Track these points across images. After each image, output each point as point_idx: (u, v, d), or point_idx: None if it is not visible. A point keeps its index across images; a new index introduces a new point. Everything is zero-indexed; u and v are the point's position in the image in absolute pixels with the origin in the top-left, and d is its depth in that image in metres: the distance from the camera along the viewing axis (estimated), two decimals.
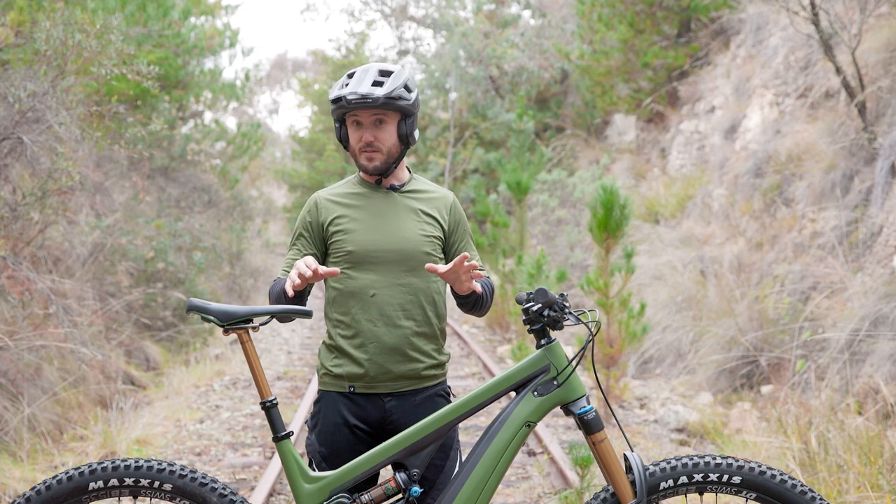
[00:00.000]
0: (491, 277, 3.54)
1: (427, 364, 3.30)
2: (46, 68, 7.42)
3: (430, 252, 3.30)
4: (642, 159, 17.75)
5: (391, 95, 3.20)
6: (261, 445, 7.70)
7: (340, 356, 3.28)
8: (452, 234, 3.40)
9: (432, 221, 3.35)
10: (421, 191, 3.40)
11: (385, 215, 3.30)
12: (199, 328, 12.54)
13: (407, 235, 3.29)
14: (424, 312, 3.29)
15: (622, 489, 3.06)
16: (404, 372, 3.26)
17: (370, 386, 3.26)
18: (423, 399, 3.29)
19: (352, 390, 3.26)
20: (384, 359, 3.24)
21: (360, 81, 3.21)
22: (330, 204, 3.33)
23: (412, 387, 3.29)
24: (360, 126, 3.26)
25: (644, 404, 9.21)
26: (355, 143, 3.28)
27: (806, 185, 10.36)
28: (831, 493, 5.33)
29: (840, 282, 8.67)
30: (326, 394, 3.31)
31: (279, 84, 47.82)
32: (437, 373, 3.35)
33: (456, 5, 26.38)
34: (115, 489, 3.06)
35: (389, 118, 3.26)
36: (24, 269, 7.93)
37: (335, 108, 3.25)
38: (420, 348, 3.29)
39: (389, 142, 3.27)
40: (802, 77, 12.01)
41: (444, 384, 3.38)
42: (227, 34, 17.33)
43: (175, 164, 15.84)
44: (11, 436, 6.97)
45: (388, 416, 3.25)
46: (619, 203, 8.48)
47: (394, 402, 3.26)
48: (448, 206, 3.41)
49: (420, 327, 3.29)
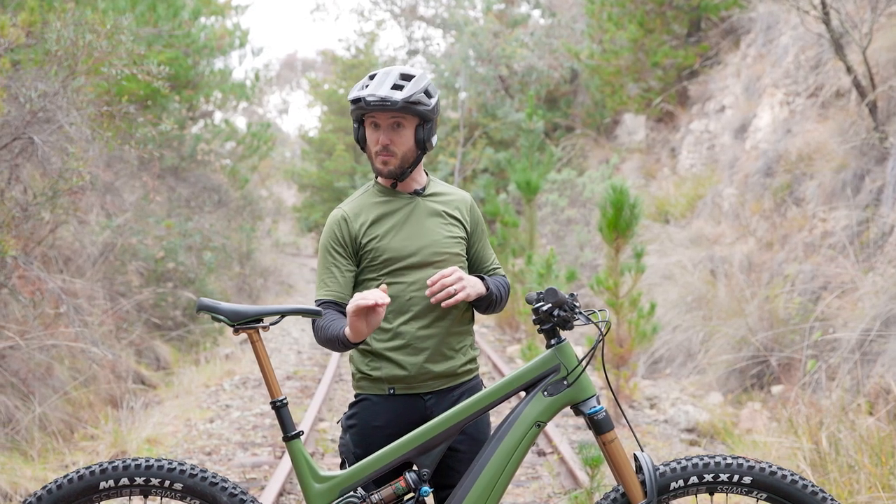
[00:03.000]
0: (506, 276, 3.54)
1: (463, 360, 3.34)
2: (57, 68, 7.44)
3: (458, 252, 3.34)
4: (652, 159, 17.72)
5: (410, 100, 3.19)
6: (271, 445, 7.71)
7: (377, 360, 3.28)
8: (473, 234, 3.44)
9: (456, 223, 3.38)
10: (441, 193, 3.42)
11: (414, 220, 3.31)
12: (209, 328, 12.57)
13: (436, 238, 3.31)
14: (457, 309, 3.32)
15: (632, 489, 3.06)
16: (443, 370, 3.29)
17: (410, 387, 3.27)
18: (461, 394, 3.32)
19: (392, 392, 3.27)
20: (424, 359, 3.26)
21: (380, 84, 3.20)
22: (358, 216, 3.32)
23: (450, 384, 3.31)
24: (378, 128, 3.25)
25: (654, 404, 9.19)
26: (372, 144, 3.28)
27: (816, 185, 10.32)
28: (842, 494, 5.32)
29: (851, 281, 8.64)
30: (365, 397, 3.32)
31: (289, 84, 47.87)
32: (472, 367, 3.39)
33: (465, 5, 26.37)
34: (126, 488, 3.06)
35: (407, 122, 3.25)
36: (35, 269, 7.96)
37: (354, 108, 3.25)
38: (455, 346, 3.32)
39: (405, 146, 3.26)
40: (813, 76, 11.97)
41: (478, 378, 3.42)
42: (237, 34, 17.37)
43: (185, 163, 15.88)
44: (23, 435, 6.99)
45: (429, 414, 3.27)
46: (629, 203, 8.46)
47: (434, 400, 3.29)
48: (468, 206, 3.44)
49: (454, 326, 3.32)
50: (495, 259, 3.52)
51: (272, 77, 34.25)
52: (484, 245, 3.47)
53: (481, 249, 3.46)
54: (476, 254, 3.45)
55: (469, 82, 24.44)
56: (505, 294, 3.43)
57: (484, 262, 3.47)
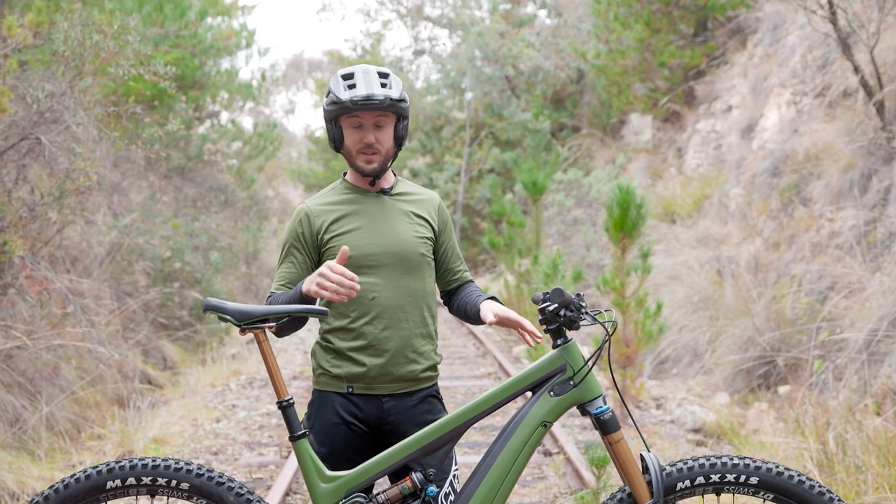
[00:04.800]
0: (494, 280, 3.53)
1: (425, 366, 3.31)
2: (64, 69, 7.46)
3: (424, 253, 3.32)
4: (658, 159, 17.70)
5: (397, 98, 3.22)
6: (277, 445, 7.71)
7: (339, 357, 3.28)
8: (441, 234, 3.43)
9: (423, 223, 3.36)
10: (409, 193, 3.42)
11: (379, 219, 3.30)
12: (215, 328, 12.58)
13: (403, 237, 3.29)
14: (421, 313, 3.30)
15: (639, 489, 3.05)
16: (404, 374, 3.27)
17: (369, 387, 3.26)
18: (419, 400, 3.30)
19: (350, 391, 3.26)
20: (385, 361, 3.24)
21: (367, 83, 3.21)
22: (322, 212, 3.31)
23: (409, 388, 3.29)
24: (360, 128, 3.26)
25: (660, 404, 9.18)
26: (353, 144, 3.27)
27: (824, 185, 10.30)
28: (849, 495, 5.30)
29: (858, 282, 8.62)
30: (322, 394, 3.30)
31: (295, 84, 47.87)
32: (433, 374, 3.36)
33: (472, 5, 26.37)
34: (133, 488, 3.06)
35: (389, 120, 3.27)
36: (42, 269, 7.98)
37: (335, 108, 3.24)
38: (419, 349, 3.30)
39: (388, 143, 3.29)
40: (820, 76, 11.95)
41: (436, 385, 3.40)
42: (244, 34, 17.38)
43: (192, 164, 15.91)
44: (30, 434, 7.01)
45: (385, 416, 3.26)
46: (636, 203, 8.45)
47: (392, 403, 3.27)
48: (436, 207, 3.43)
49: (419, 328, 3.30)
50: (463, 263, 3.51)
51: (278, 77, 34.24)
52: (452, 247, 3.46)
53: (449, 251, 3.45)
54: (444, 255, 3.44)
55: (475, 82, 24.44)
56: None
57: (452, 263, 3.46)
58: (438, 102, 26.27)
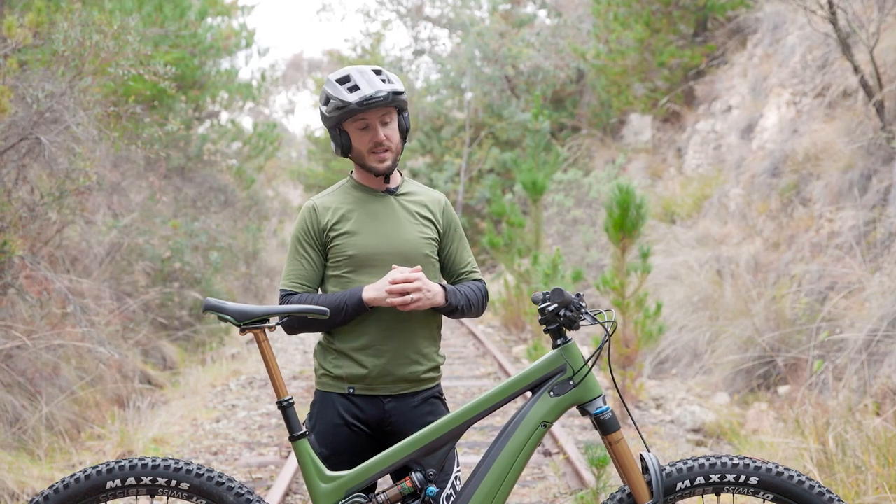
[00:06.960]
0: (484, 281, 3.51)
1: (427, 367, 3.31)
2: (64, 69, 7.46)
3: (428, 254, 3.31)
4: (658, 159, 17.70)
5: (397, 90, 3.21)
6: (277, 445, 7.71)
7: (340, 358, 3.27)
8: (446, 235, 3.40)
9: (429, 224, 3.35)
10: (415, 193, 3.40)
11: (384, 218, 3.29)
12: (215, 328, 12.59)
13: (407, 238, 3.28)
14: (424, 314, 3.28)
15: (638, 489, 3.06)
16: (406, 375, 3.26)
17: (370, 388, 3.25)
18: (421, 401, 3.30)
19: (351, 392, 3.26)
20: (387, 361, 3.24)
21: (369, 82, 3.20)
22: (327, 209, 3.30)
23: (411, 389, 3.29)
24: (367, 128, 3.24)
25: (660, 405, 9.18)
26: (363, 145, 3.25)
27: (823, 185, 10.30)
28: (849, 495, 5.30)
29: (858, 282, 8.62)
30: (324, 395, 3.30)
31: (295, 84, 47.86)
32: (435, 375, 3.35)
33: (472, 5, 26.36)
34: (133, 488, 3.07)
35: (392, 115, 3.27)
36: (41, 269, 7.98)
37: (340, 113, 3.21)
38: (422, 351, 3.29)
39: (396, 138, 3.29)
40: (820, 76, 11.95)
41: (439, 386, 3.39)
42: (244, 34, 17.39)
43: (191, 164, 15.91)
44: (30, 434, 7.01)
45: (387, 417, 3.25)
46: (635, 203, 8.45)
47: (393, 404, 3.26)
48: (441, 207, 3.41)
49: (421, 329, 3.29)
50: (472, 263, 3.46)
51: (278, 77, 34.23)
52: (459, 247, 3.42)
53: (455, 251, 3.41)
54: (449, 256, 3.40)
55: (475, 82, 24.43)
56: (477, 302, 3.37)
57: (459, 264, 3.41)
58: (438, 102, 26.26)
